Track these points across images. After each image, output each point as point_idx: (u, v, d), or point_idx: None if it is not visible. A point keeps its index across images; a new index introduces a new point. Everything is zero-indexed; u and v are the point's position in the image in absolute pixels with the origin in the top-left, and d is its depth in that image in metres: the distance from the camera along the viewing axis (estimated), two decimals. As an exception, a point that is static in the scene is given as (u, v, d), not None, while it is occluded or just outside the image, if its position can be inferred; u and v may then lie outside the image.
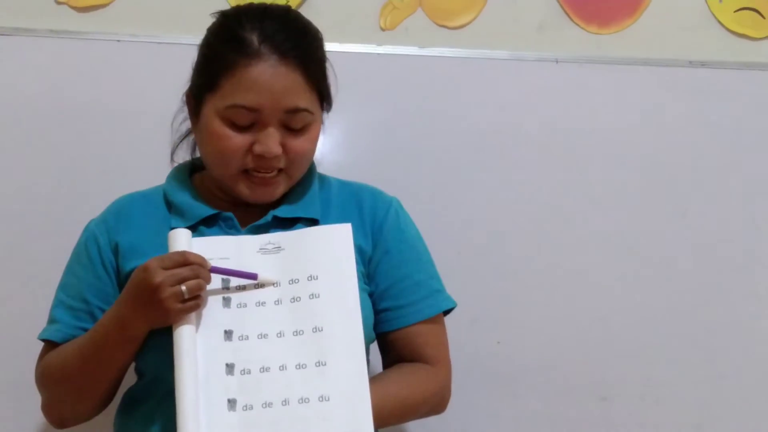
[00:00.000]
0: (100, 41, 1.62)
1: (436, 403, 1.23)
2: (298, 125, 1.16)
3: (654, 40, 1.70)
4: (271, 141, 1.14)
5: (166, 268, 1.04)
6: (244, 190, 1.19)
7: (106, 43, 1.62)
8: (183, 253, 1.06)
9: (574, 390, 1.62)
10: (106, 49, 1.61)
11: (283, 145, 1.16)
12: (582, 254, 1.65)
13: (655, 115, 1.68)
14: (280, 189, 1.20)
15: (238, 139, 1.15)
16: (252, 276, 1.08)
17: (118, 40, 1.62)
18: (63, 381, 1.15)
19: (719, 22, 1.71)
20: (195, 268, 1.05)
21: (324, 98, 1.22)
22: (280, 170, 1.18)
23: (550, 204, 1.65)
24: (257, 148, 1.14)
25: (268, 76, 1.13)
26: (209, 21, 1.58)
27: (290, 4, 1.63)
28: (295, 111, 1.15)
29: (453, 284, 1.29)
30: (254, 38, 1.14)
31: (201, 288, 1.05)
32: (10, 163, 1.59)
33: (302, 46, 1.16)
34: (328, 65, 1.23)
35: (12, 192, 1.58)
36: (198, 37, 1.56)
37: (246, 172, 1.17)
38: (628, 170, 1.67)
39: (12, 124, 1.60)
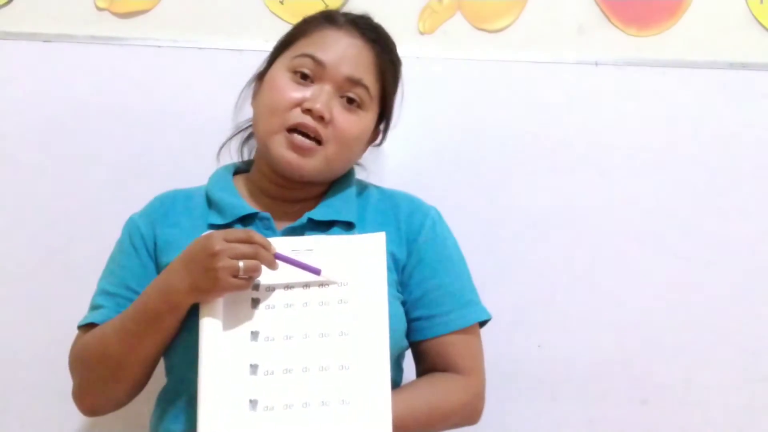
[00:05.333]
0: (140, 47, 1.63)
1: (467, 414, 1.22)
2: (353, 99, 1.20)
3: (694, 42, 1.68)
4: (323, 97, 1.17)
5: (228, 241, 1.04)
6: (279, 149, 1.19)
7: (147, 49, 1.63)
8: (248, 232, 1.06)
9: (615, 393, 1.61)
10: (146, 54, 1.63)
11: (332, 115, 1.18)
12: (623, 257, 1.64)
13: (695, 118, 1.67)
14: (315, 164, 1.20)
15: (293, 92, 1.18)
16: (315, 270, 1.08)
17: (159, 46, 1.63)
18: (101, 358, 1.14)
19: (760, 23, 1.69)
20: (256, 247, 1.04)
21: (384, 104, 1.27)
22: (319, 143, 1.18)
23: (590, 207, 1.65)
24: (307, 103, 1.17)
25: (343, 41, 1.21)
26: (249, 27, 1.62)
27: (330, 7, 1.63)
28: (356, 82, 1.19)
29: (493, 288, 1.30)
30: (341, 17, 1.23)
31: (257, 270, 1.05)
32: (53, 168, 1.61)
33: (383, 39, 1.25)
34: (399, 91, 1.30)
35: (54, 196, 1.60)
36: (238, 42, 1.60)
37: (288, 133, 1.18)
38: (668, 172, 1.66)
39: (54, 129, 1.61)
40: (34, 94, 1.61)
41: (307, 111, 1.16)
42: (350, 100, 1.20)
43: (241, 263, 1.02)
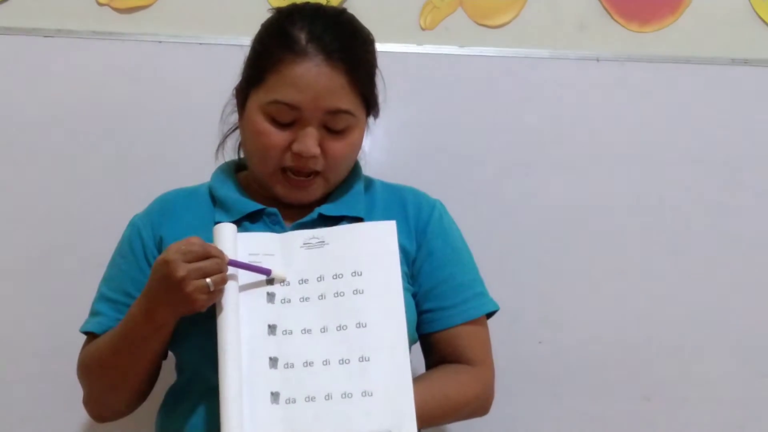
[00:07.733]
0: (141, 42, 1.63)
1: (479, 405, 1.22)
2: (338, 127, 1.16)
3: (696, 37, 1.69)
4: (309, 140, 1.15)
5: (188, 261, 1.03)
6: (280, 189, 1.20)
7: (148, 44, 1.63)
8: (204, 246, 1.04)
9: (617, 390, 1.61)
10: (147, 50, 1.63)
11: (322, 147, 1.16)
12: (624, 253, 1.64)
13: (697, 113, 1.67)
14: (317, 192, 1.21)
15: (278, 136, 1.16)
16: (266, 271, 1.09)
17: (160, 41, 1.63)
18: (98, 373, 1.17)
19: (762, 19, 1.70)
20: (216, 261, 1.04)
21: (369, 104, 1.22)
22: (316, 173, 1.18)
23: (591, 203, 1.65)
24: (295, 147, 1.15)
25: (311, 75, 1.13)
26: (250, 21, 1.59)
27: (331, 3, 1.63)
28: (336, 112, 1.15)
29: (494, 284, 1.29)
30: (302, 36, 1.14)
31: (225, 281, 1.05)
32: (54, 164, 1.60)
33: (349, 48, 1.16)
34: (377, 72, 1.23)
35: (55, 193, 1.60)
36: (239, 37, 1.60)
37: (284, 171, 1.18)
38: (670, 169, 1.66)
39: (56, 124, 1.61)
40: (35, 90, 1.61)
41: (297, 155, 1.16)
42: (336, 125, 1.17)
43: (208, 280, 1.03)
